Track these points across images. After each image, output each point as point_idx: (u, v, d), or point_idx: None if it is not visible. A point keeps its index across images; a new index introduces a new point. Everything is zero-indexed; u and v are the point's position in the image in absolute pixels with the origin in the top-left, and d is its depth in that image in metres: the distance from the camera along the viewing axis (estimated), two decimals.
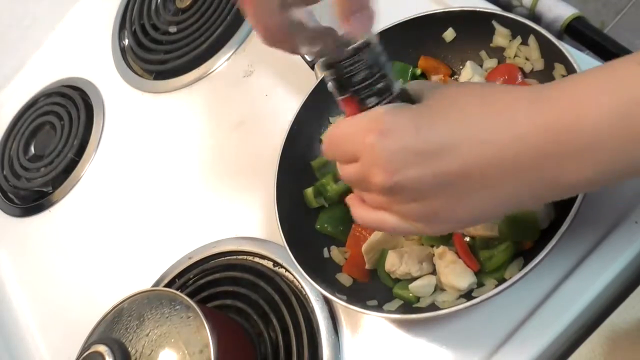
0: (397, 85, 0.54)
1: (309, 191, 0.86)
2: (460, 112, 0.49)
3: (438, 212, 0.50)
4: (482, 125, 0.48)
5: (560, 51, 0.72)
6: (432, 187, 0.49)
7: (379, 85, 0.53)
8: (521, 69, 0.80)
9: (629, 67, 0.44)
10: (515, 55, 0.80)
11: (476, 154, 0.47)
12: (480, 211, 0.50)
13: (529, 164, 0.46)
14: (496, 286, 0.64)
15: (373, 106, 0.53)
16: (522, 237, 0.68)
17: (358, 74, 0.52)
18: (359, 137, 0.51)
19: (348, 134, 0.53)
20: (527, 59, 0.79)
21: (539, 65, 0.77)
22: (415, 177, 0.48)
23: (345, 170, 0.54)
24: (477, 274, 0.71)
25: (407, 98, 0.54)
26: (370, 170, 0.50)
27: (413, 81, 0.56)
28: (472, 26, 0.82)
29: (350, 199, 0.58)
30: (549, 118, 0.45)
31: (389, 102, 0.53)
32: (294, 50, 0.57)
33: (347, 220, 0.84)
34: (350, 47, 0.52)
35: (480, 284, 0.70)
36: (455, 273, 0.70)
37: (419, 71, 0.87)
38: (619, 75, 0.45)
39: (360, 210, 0.56)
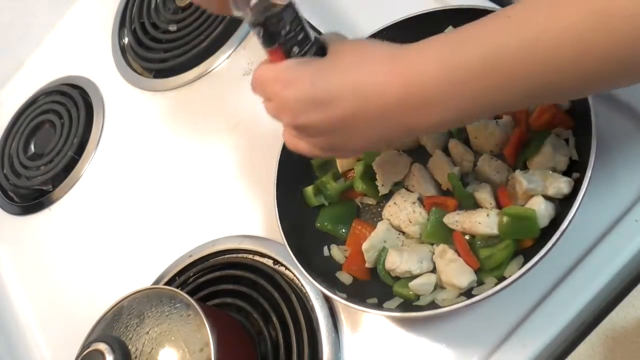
0: (312, 36, 0.64)
1: (309, 189, 0.86)
2: (347, 67, 0.60)
3: (335, 145, 0.64)
4: (359, 78, 0.59)
5: None
6: (327, 127, 0.61)
7: (300, 37, 0.63)
8: None
9: (497, 20, 0.54)
10: None
11: (354, 103, 0.58)
12: (365, 144, 0.63)
13: (387, 112, 0.58)
14: (496, 284, 0.64)
15: (297, 54, 0.63)
16: (522, 235, 0.68)
17: (284, 28, 0.62)
18: (270, 85, 0.63)
19: (264, 80, 0.64)
20: None
21: None
22: (312, 120, 0.61)
23: (266, 106, 0.66)
24: (477, 272, 0.71)
25: (321, 46, 0.64)
26: (279, 112, 0.64)
27: (327, 33, 0.67)
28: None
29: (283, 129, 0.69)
30: (400, 74, 0.56)
31: (308, 50, 0.64)
32: (220, 11, 0.71)
33: (347, 218, 0.84)
34: (277, 7, 0.61)
35: (480, 282, 0.70)
36: (455, 271, 0.70)
37: None
38: (466, 36, 0.55)
39: (287, 137, 0.68)
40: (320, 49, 0.64)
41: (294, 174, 0.86)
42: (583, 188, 0.63)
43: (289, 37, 0.63)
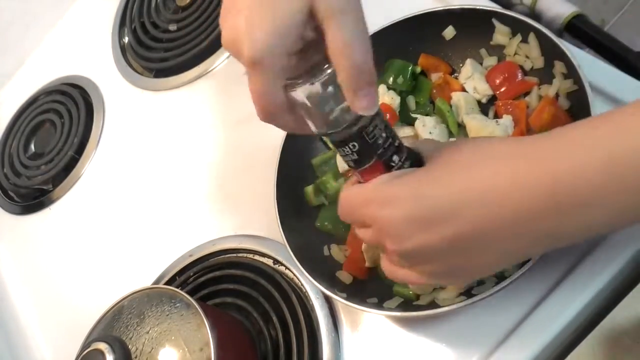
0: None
1: (309, 189, 0.86)
2: (461, 173, 0.51)
3: (453, 270, 0.54)
4: (480, 184, 0.49)
5: (560, 49, 0.72)
6: (441, 250, 0.51)
7: (396, 143, 0.55)
8: (521, 67, 0.80)
9: (623, 119, 0.46)
10: (515, 53, 0.80)
11: (476, 217, 0.49)
12: (492, 264, 0.54)
13: (526, 221, 0.48)
14: (496, 284, 0.64)
15: (396, 165, 0.55)
16: None
17: (380, 136, 0.53)
18: (363, 208, 0.54)
19: (355, 204, 0.56)
20: (527, 56, 0.79)
21: (539, 63, 0.77)
22: (421, 244, 0.51)
23: (362, 235, 0.57)
24: None
25: (415, 156, 0.56)
26: (380, 238, 0.54)
27: (417, 141, 0.59)
28: (472, 24, 0.82)
29: (382, 256, 0.60)
30: (543, 172, 0.47)
31: (405, 160, 0.55)
32: (287, 128, 0.61)
33: None
34: (366, 115, 0.52)
35: (480, 282, 0.70)
36: None
37: (418, 69, 0.87)
38: (611, 129, 0.46)
39: (387, 266, 0.59)
40: (416, 159, 0.56)
41: (294, 173, 0.86)
42: None
43: (387, 146, 0.54)
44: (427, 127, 0.80)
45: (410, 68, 0.86)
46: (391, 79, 0.86)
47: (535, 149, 0.49)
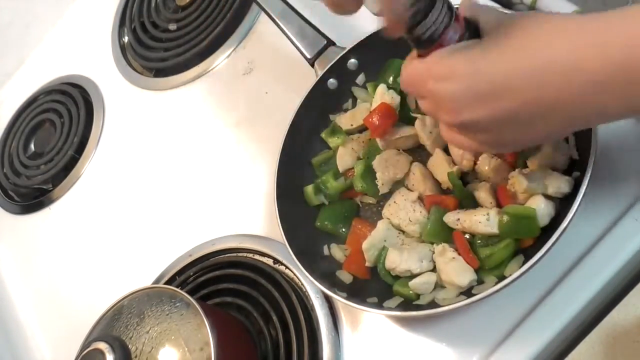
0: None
1: (309, 188, 0.86)
2: (519, 46, 0.51)
3: (505, 141, 0.56)
4: (540, 58, 0.50)
5: None
6: (496, 123, 0.54)
7: (452, 18, 0.55)
8: None
9: None
10: None
11: (534, 90, 0.50)
12: (542, 136, 0.56)
13: (582, 94, 0.49)
14: (496, 284, 0.64)
15: (454, 39, 0.55)
16: (522, 234, 0.68)
17: (440, 13, 0.54)
18: (422, 83, 0.56)
19: (414, 77, 0.58)
20: None
21: None
22: (477, 117, 0.53)
23: (422, 106, 0.60)
24: (477, 271, 0.70)
25: (475, 27, 0.56)
26: (437, 111, 0.57)
27: (477, 8, 0.57)
28: None
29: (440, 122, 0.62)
30: (613, 43, 0.47)
31: (464, 34, 0.56)
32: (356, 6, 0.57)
33: (347, 218, 0.84)
34: None
35: (480, 282, 0.70)
36: (456, 270, 0.70)
37: None
38: None
39: (445, 131, 0.61)
40: (474, 31, 0.56)
41: (294, 172, 0.86)
42: (583, 187, 0.63)
43: (443, 22, 0.55)
44: (427, 127, 0.80)
45: None
46: (391, 78, 0.86)
47: (601, 22, 0.48)
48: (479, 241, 0.71)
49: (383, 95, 0.84)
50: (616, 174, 0.71)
